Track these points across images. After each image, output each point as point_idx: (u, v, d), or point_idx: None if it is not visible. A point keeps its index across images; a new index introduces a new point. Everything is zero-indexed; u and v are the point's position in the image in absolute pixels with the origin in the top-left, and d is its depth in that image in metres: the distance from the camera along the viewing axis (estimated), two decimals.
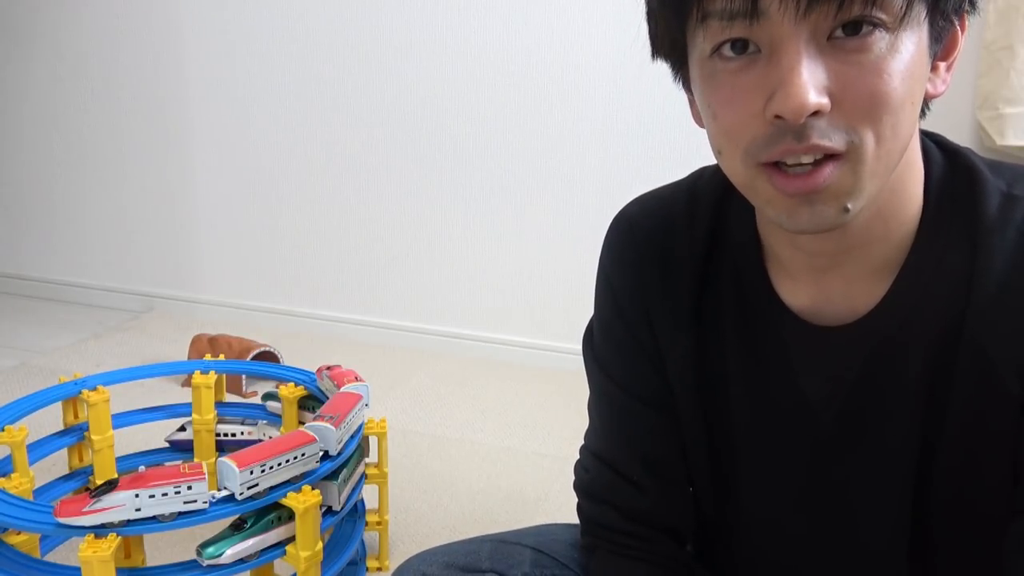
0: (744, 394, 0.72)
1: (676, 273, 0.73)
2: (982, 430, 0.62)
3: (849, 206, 0.56)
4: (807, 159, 0.55)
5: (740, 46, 0.56)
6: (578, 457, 0.84)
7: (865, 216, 0.60)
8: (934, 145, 0.66)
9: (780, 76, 0.54)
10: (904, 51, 0.54)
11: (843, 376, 0.66)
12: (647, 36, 0.65)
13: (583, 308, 0.84)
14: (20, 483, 1.16)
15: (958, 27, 0.59)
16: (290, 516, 1.12)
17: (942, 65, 0.60)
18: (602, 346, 0.80)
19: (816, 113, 0.53)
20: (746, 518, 0.76)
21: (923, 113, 0.62)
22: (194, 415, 1.45)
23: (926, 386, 0.63)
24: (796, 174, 0.56)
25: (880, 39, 0.53)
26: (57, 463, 1.53)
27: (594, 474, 0.80)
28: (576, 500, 0.83)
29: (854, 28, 0.53)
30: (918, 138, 0.64)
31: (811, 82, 0.53)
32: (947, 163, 0.65)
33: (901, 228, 0.63)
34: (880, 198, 0.60)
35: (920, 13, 0.54)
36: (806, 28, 0.53)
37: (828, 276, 0.66)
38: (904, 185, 0.63)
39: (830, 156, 0.55)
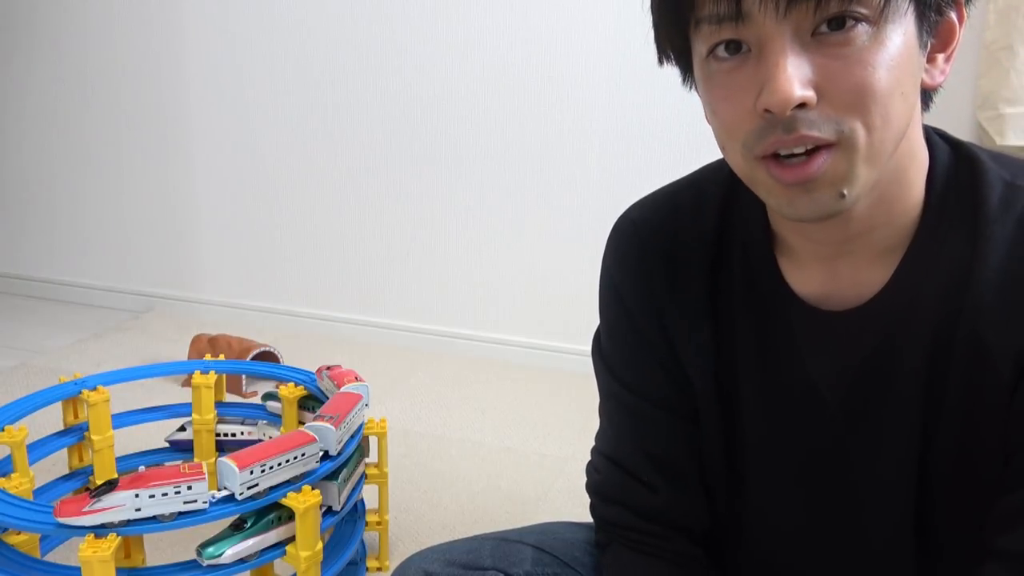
0: (754, 381, 0.72)
1: (685, 267, 0.73)
2: (978, 415, 0.63)
3: (845, 192, 0.58)
4: (800, 149, 0.57)
5: (733, 47, 0.58)
6: (589, 459, 0.84)
7: (867, 203, 0.62)
8: (939, 137, 0.67)
9: (767, 72, 0.56)
10: (889, 42, 0.56)
11: (849, 360, 0.67)
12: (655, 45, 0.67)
13: (583, 308, 0.84)
14: (20, 483, 1.16)
15: (955, 18, 0.61)
16: (290, 516, 1.12)
17: (940, 56, 0.62)
18: (609, 349, 0.80)
19: (803, 106, 0.56)
20: (754, 510, 0.76)
21: (926, 105, 0.64)
22: (194, 415, 1.45)
23: (926, 371, 0.64)
24: (791, 164, 0.58)
25: (863, 32, 0.55)
26: (57, 463, 1.53)
27: (605, 475, 0.80)
28: (588, 501, 0.84)
29: (837, 24, 0.55)
30: (920, 128, 0.65)
31: (796, 76, 0.55)
32: (952, 153, 0.66)
33: (904, 215, 0.64)
34: (880, 185, 0.61)
35: (903, 5, 0.56)
36: (789, 26, 0.55)
37: (836, 263, 0.67)
38: (906, 173, 0.64)
39: (823, 146, 0.57)
